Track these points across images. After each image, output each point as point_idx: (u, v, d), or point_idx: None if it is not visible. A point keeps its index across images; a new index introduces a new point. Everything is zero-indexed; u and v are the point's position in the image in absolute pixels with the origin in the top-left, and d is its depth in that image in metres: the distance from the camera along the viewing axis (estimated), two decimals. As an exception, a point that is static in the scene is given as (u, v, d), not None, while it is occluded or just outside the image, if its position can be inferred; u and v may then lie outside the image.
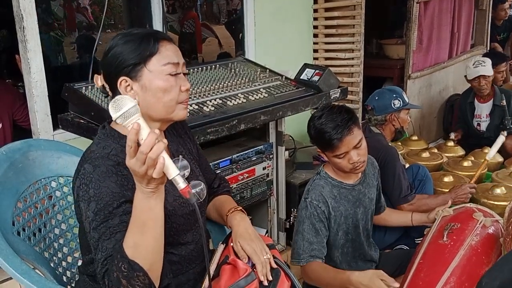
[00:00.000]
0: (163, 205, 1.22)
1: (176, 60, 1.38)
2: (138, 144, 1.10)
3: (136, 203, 1.19)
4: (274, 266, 1.47)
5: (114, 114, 1.13)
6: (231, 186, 2.48)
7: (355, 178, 2.14)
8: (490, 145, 3.74)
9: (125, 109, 1.12)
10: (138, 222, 1.19)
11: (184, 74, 1.42)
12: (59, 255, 1.71)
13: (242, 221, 1.58)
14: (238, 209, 1.63)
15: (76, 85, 2.19)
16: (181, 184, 1.14)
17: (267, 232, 2.88)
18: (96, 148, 1.38)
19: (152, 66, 1.35)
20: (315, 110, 2.13)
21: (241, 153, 2.58)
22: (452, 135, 4.14)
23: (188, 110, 2.20)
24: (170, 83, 1.36)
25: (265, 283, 1.43)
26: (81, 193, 1.30)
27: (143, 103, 1.36)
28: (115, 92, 1.38)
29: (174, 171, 1.13)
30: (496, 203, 2.81)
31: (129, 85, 1.37)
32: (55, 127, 2.50)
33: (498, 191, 2.94)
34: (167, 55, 1.37)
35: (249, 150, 2.62)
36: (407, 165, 2.87)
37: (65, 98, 2.22)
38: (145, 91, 1.36)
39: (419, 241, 2.33)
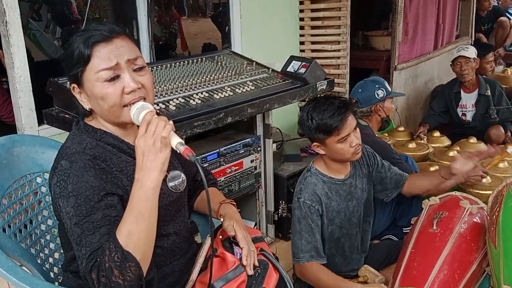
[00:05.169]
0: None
1: (113, 62, 1.31)
2: None
3: (134, 192, 1.23)
4: (256, 263, 1.48)
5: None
6: (219, 179, 2.49)
7: (345, 172, 2.15)
8: (476, 135, 3.81)
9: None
10: (134, 211, 1.22)
11: (138, 69, 1.35)
12: (46, 251, 1.70)
13: (237, 213, 1.61)
14: (233, 203, 1.66)
15: (60, 79, 2.17)
16: (182, 148, 1.25)
17: (255, 224, 2.89)
18: (71, 143, 1.37)
19: (87, 75, 1.32)
20: (302, 105, 2.13)
21: (229, 146, 2.57)
22: (422, 134, 3.94)
23: (175, 103, 2.19)
24: (106, 89, 1.31)
25: (249, 272, 1.44)
26: (58, 190, 1.29)
27: (95, 109, 1.38)
28: None
29: (176, 138, 1.26)
30: (481, 192, 2.83)
31: (80, 92, 1.37)
32: (40, 122, 2.47)
33: (483, 180, 2.96)
34: (101, 61, 1.30)
35: (237, 143, 2.62)
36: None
37: (50, 93, 2.20)
38: (90, 98, 1.36)
39: (407, 231, 2.35)
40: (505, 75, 5.33)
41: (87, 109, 1.39)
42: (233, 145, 2.60)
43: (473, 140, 3.74)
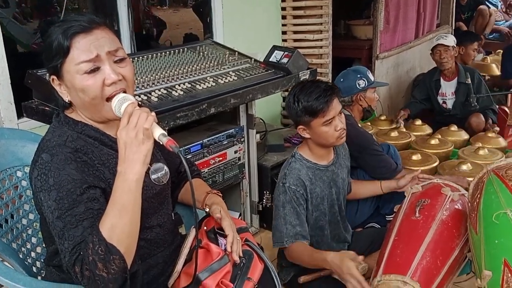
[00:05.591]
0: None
1: (93, 54, 1.28)
2: None
3: (117, 185, 1.22)
4: (241, 254, 1.48)
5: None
6: (202, 170, 2.48)
7: (328, 159, 2.16)
8: (457, 123, 3.86)
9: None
10: (117, 204, 1.21)
11: (118, 61, 1.33)
12: (28, 245, 1.68)
13: (223, 203, 1.61)
14: (219, 194, 1.66)
15: (39, 71, 2.13)
16: (164, 139, 1.23)
17: (240, 215, 2.89)
18: (51, 136, 1.35)
19: (67, 67, 1.30)
20: (285, 95, 2.14)
21: (212, 137, 2.56)
22: (400, 119, 3.98)
23: (157, 94, 2.17)
24: (87, 82, 1.29)
25: (236, 258, 1.44)
26: (39, 184, 1.27)
27: (75, 102, 1.36)
28: None
29: (158, 130, 1.24)
30: (462, 179, 2.88)
31: (59, 84, 1.35)
32: (20, 115, 2.44)
33: (464, 167, 3.01)
34: (80, 52, 1.28)
35: (220, 134, 2.61)
36: (377, 145, 2.90)
37: (29, 85, 2.16)
38: (70, 90, 1.34)
39: (390, 219, 2.38)
40: (484, 63, 5.40)
41: (67, 101, 1.36)
42: (216, 136, 2.59)
43: (454, 128, 3.79)
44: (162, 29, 6.66)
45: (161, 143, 1.24)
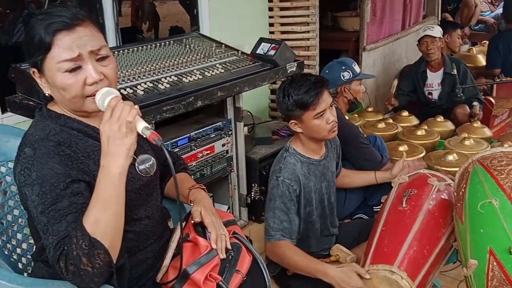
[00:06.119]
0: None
1: (75, 53, 1.26)
2: None
3: (100, 178, 1.21)
4: (229, 247, 1.49)
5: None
6: (190, 164, 2.48)
7: (320, 153, 2.17)
8: (443, 113, 3.89)
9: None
10: (100, 198, 1.20)
11: (101, 59, 1.31)
12: (13, 242, 1.66)
13: (207, 197, 1.61)
14: (202, 187, 1.65)
15: (23, 65, 2.10)
16: (148, 132, 1.22)
17: (228, 208, 2.89)
18: (34, 130, 1.33)
19: (48, 64, 1.28)
20: (273, 88, 2.14)
21: (199, 131, 2.55)
22: (390, 105, 4.14)
23: (143, 88, 2.15)
24: (68, 81, 1.27)
25: (220, 256, 1.44)
26: (23, 178, 1.26)
27: (55, 97, 1.35)
28: None
29: (141, 123, 1.23)
30: (448, 169, 2.90)
31: (40, 77, 1.33)
32: (4, 110, 2.40)
33: (450, 157, 3.03)
34: (62, 51, 1.25)
35: (208, 127, 2.60)
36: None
37: (12, 79, 2.13)
38: (51, 86, 1.32)
39: (377, 209, 2.40)
40: (470, 54, 5.44)
41: (47, 94, 1.35)
42: (204, 129, 2.58)
43: (440, 118, 3.81)
44: (158, 22, 6.63)
45: (144, 136, 1.23)
